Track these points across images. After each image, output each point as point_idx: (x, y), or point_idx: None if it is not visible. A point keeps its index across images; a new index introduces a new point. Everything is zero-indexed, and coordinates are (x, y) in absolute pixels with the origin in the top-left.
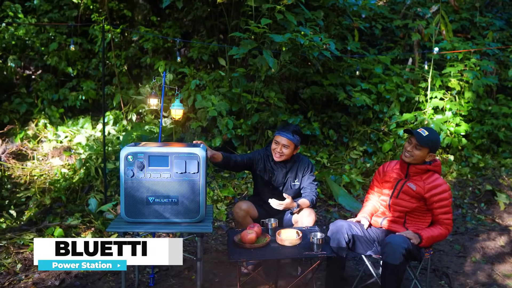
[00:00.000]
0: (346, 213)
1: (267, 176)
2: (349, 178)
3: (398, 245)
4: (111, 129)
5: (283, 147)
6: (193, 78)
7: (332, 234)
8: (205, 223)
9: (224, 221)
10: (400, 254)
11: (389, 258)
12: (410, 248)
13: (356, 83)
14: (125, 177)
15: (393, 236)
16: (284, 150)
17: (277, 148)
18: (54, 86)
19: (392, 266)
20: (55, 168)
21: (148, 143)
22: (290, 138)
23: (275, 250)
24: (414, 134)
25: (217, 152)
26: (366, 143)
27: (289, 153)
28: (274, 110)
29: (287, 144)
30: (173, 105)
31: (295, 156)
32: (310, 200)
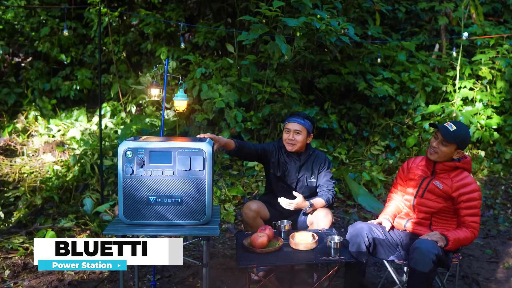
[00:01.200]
0: (367, 214)
1: (279, 171)
2: (370, 176)
3: (428, 251)
4: (108, 122)
5: (294, 133)
6: (198, 66)
7: (351, 237)
8: (212, 226)
9: (232, 223)
10: (430, 260)
11: (418, 264)
12: (440, 254)
13: (378, 72)
14: (124, 175)
15: (422, 241)
16: (296, 137)
17: (288, 136)
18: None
19: (421, 273)
20: (47, 165)
21: (149, 138)
22: (301, 122)
23: (288, 255)
24: (440, 129)
25: (229, 140)
26: (388, 137)
27: (301, 140)
28: (287, 101)
29: (299, 129)
30: (176, 95)
31: (309, 150)
32: (326, 199)
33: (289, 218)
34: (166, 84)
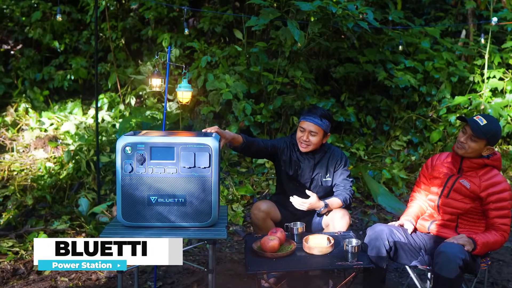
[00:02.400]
0: (387, 215)
1: (292, 170)
2: (391, 173)
3: (455, 255)
4: (106, 115)
5: (309, 135)
6: (203, 54)
7: (370, 240)
8: (218, 228)
9: (240, 225)
10: (457, 265)
11: (443, 270)
12: (468, 259)
13: (399, 60)
14: (122, 173)
15: (448, 245)
16: (311, 138)
17: (303, 136)
18: (37, 64)
19: (447, 280)
20: (39, 161)
21: (150, 132)
22: (318, 123)
23: (301, 259)
24: (469, 123)
25: (236, 134)
26: (410, 132)
27: (317, 142)
28: (300, 93)
29: (315, 131)
30: (179, 86)
31: (325, 147)
32: (343, 199)
33: (302, 220)
34: (168, 73)
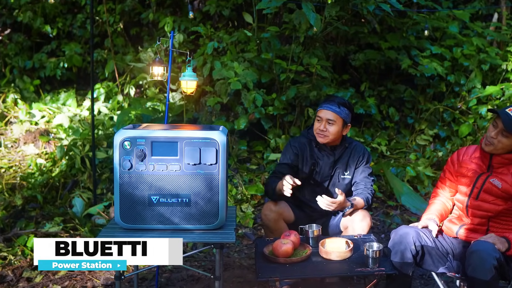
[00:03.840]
0: (411, 217)
1: (307, 167)
2: (415, 171)
3: (488, 254)
4: (102, 106)
5: (327, 123)
6: (210, 40)
7: (394, 244)
8: (226, 231)
9: (250, 227)
10: (491, 266)
11: (477, 271)
12: (502, 260)
13: (425, 46)
14: (121, 170)
15: (480, 243)
16: (329, 128)
17: (320, 126)
18: (27, 50)
19: (481, 283)
20: (29, 158)
21: (151, 125)
22: (336, 110)
23: (318, 265)
24: (501, 116)
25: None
26: (437, 125)
27: (336, 132)
28: (316, 82)
29: (333, 119)
30: (183, 75)
31: (346, 141)
32: (365, 199)
33: (318, 222)
34: (171, 61)
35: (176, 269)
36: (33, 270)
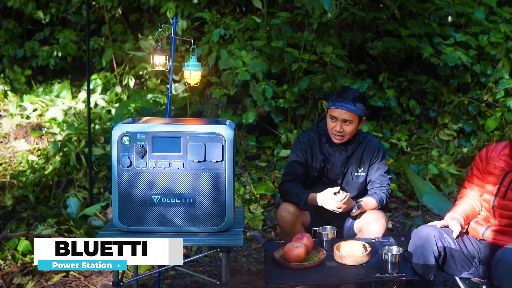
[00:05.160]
0: (434, 218)
1: (317, 164)
2: (438, 168)
3: None
4: (99, 99)
5: (343, 124)
6: (215, 27)
7: (415, 247)
8: (233, 233)
9: (260, 230)
10: None
11: (505, 282)
12: None
13: (448, 34)
14: (119, 168)
15: (508, 251)
16: (346, 128)
17: (335, 127)
18: (18, 38)
19: None
20: (20, 154)
21: (152, 119)
22: (352, 109)
23: (332, 271)
24: None
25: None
26: (462, 119)
27: (352, 131)
28: (331, 72)
29: (349, 119)
30: (187, 64)
31: (359, 136)
32: (378, 199)
33: (333, 224)
34: (173, 49)
35: (179, 275)
36: (24, 276)
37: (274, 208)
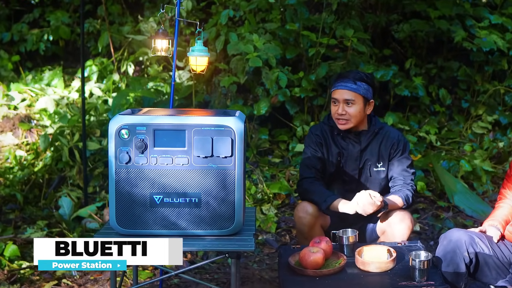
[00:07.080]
0: (466, 220)
1: (334, 157)
2: (471, 165)
3: None
4: (95, 87)
5: (345, 105)
6: (224, 8)
7: (445, 252)
8: (243, 237)
9: (273, 233)
10: None
11: None
12: None
13: (482, 15)
14: (117, 164)
15: None
16: (348, 110)
17: (338, 109)
18: (4, 20)
19: None
20: (6, 149)
21: (154, 110)
22: (352, 87)
23: (353, 278)
24: None
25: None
26: (497, 109)
27: (357, 113)
28: (352, 58)
29: (350, 98)
30: (192, 49)
31: (374, 125)
32: (404, 197)
33: (354, 226)
34: (177, 33)
35: (184, 283)
36: (12, 284)
37: (289, 209)
